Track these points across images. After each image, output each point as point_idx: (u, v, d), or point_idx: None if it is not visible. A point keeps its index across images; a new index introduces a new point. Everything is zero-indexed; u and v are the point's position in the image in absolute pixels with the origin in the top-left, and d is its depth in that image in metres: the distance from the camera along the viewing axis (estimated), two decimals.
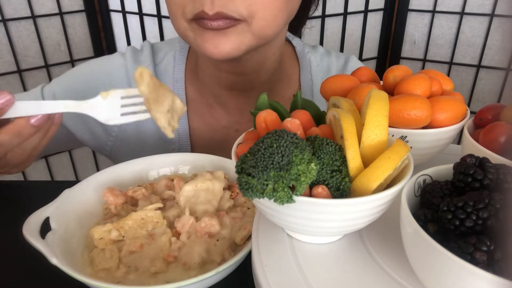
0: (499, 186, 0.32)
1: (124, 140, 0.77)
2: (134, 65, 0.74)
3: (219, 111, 0.76)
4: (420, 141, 0.44)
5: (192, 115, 0.76)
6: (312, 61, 0.80)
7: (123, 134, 0.77)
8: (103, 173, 0.58)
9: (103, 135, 0.77)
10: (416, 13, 1.40)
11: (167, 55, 0.77)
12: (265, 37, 0.61)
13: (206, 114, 0.77)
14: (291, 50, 0.81)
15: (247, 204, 0.53)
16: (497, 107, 0.47)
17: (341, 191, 0.35)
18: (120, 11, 1.35)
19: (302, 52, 0.80)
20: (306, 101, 0.45)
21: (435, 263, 0.29)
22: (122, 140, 0.77)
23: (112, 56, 0.77)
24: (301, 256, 0.37)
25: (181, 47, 0.77)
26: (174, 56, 0.76)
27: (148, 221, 0.49)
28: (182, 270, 0.45)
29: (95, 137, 0.77)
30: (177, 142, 0.76)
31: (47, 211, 0.49)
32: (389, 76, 0.49)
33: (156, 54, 0.77)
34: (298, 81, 0.79)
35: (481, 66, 1.37)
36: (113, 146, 0.78)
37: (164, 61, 0.76)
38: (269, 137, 0.33)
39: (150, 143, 0.76)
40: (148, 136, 0.76)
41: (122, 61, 0.75)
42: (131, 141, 0.77)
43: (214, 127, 0.77)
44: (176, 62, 0.76)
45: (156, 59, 0.77)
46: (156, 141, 0.76)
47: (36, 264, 0.45)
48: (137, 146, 0.77)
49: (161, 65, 0.76)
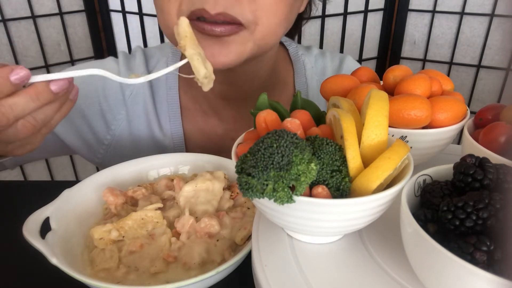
0: (499, 186, 0.32)
1: (118, 148, 0.76)
2: (127, 71, 0.73)
3: (214, 119, 0.75)
4: (420, 141, 0.44)
5: (187, 124, 0.75)
6: (306, 64, 0.79)
7: (117, 143, 0.75)
8: (103, 173, 0.58)
9: (95, 143, 0.75)
10: (416, 13, 1.40)
11: (160, 62, 0.75)
12: (265, 46, 0.59)
13: (201, 122, 0.75)
14: (284, 53, 0.79)
15: (247, 204, 0.53)
16: (497, 107, 0.47)
17: (341, 191, 0.35)
18: (120, 11, 1.35)
19: (296, 55, 0.79)
20: (306, 101, 0.45)
21: (435, 263, 0.29)
22: (115, 148, 0.76)
23: (105, 61, 0.76)
24: (301, 256, 0.37)
25: (173, 53, 0.75)
26: (167, 63, 0.74)
27: (148, 221, 0.49)
28: (182, 270, 0.45)
29: (86, 145, 0.75)
30: (171, 150, 0.75)
31: (47, 211, 0.49)
32: (389, 76, 0.49)
33: (148, 60, 0.76)
34: (292, 85, 0.78)
35: (481, 66, 1.37)
36: (105, 155, 0.77)
37: (156, 68, 0.75)
38: (269, 137, 0.33)
39: (145, 151, 0.74)
40: (143, 144, 0.75)
41: (115, 66, 0.74)
42: (125, 149, 0.76)
43: (209, 135, 0.76)
44: None
45: (149, 66, 0.75)
46: (151, 149, 0.75)
47: (36, 264, 0.45)
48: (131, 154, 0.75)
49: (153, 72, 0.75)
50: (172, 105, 0.74)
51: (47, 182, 1.16)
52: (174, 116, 0.74)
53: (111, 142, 0.75)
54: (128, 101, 0.73)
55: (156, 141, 0.75)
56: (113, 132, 0.74)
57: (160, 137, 0.74)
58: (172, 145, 0.74)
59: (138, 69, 0.74)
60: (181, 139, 0.74)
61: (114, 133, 0.75)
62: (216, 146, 0.75)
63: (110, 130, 0.74)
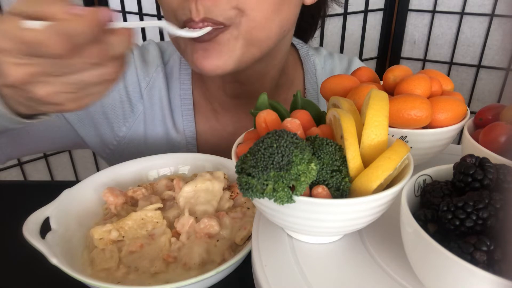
0: (499, 186, 0.32)
1: (131, 142, 0.76)
2: (142, 64, 0.73)
3: (225, 117, 0.75)
4: (420, 141, 0.44)
5: (199, 119, 0.75)
6: (317, 64, 0.79)
7: (131, 136, 0.75)
8: (103, 173, 0.58)
9: (109, 133, 0.75)
10: (416, 13, 1.40)
11: (173, 56, 0.76)
12: (258, 41, 0.58)
13: (213, 120, 0.76)
14: (294, 54, 0.79)
15: (247, 204, 0.53)
16: (497, 107, 0.47)
17: (341, 191, 0.35)
18: (120, 11, 1.35)
19: (306, 55, 0.79)
20: (306, 101, 0.45)
21: (435, 263, 0.29)
22: (129, 141, 0.76)
23: None
24: (301, 256, 0.37)
25: None
26: (180, 57, 0.75)
27: (148, 221, 0.49)
28: (182, 271, 0.45)
29: (99, 134, 0.75)
30: (184, 147, 0.75)
31: (47, 211, 0.49)
32: (389, 76, 0.49)
33: (163, 53, 0.76)
34: (302, 85, 0.78)
35: (481, 66, 1.37)
36: (117, 146, 0.76)
37: (170, 61, 0.75)
38: (269, 137, 0.33)
39: (157, 148, 0.75)
40: (157, 140, 0.75)
41: (131, 59, 0.74)
42: (139, 144, 0.76)
43: (220, 133, 0.76)
44: (182, 63, 0.75)
45: (164, 59, 0.76)
46: (164, 146, 0.75)
47: (36, 264, 0.45)
48: (143, 150, 0.76)
49: (167, 66, 0.75)
50: (185, 100, 0.74)
51: (47, 182, 1.16)
52: (187, 112, 0.74)
53: (126, 134, 0.75)
54: (145, 93, 0.73)
55: (169, 137, 0.75)
56: (130, 124, 0.74)
57: (173, 134, 0.75)
58: (184, 142, 0.74)
59: (153, 61, 0.74)
60: (193, 136, 0.75)
61: (130, 126, 0.74)
62: (227, 144, 0.75)
63: (126, 122, 0.74)
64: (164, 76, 0.74)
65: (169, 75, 0.75)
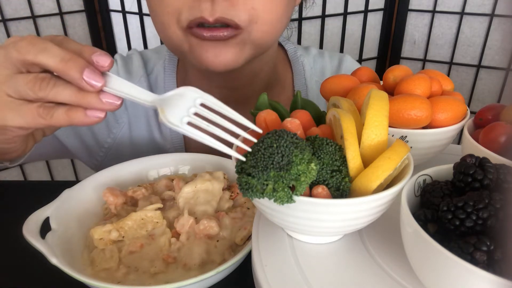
0: (499, 186, 0.32)
1: (118, 151, 0.75)
2: (126, 75, 0.73)
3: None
4: (420, 141, 0.44)
5: None
6: (305, 64, 0.78)
7: (117, 146, 0.75)
8: (103, 173, 0.58)
9: (95, 146, 0.75)
10: (416, 13, 1.40)
11: (157, 65, 0.75)
12: (264, 45, 0.59)
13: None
14: (283, 54, 0.79)
15: (247, 204, 0.53)
16: (497, 107, 0.47)
17: (341, 191, 0.35)
18: (120, 11, 1.35)
19: (295, 55, 0.78)
20: (306, 101, 0.45)
21: (435, 263, 0.29)
22: (115, 151, 0.75)
23: None
24: (301, 256, 0.37)
25: (170, 56, 0.75)
26: (164, 66, 0.74)
27: (148, 221, 0.49)
28: (182, 271, 0.45)
29: (86, 148, 0.75)
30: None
31: (47, 211, 0.49)
32: (389, 76, 0.49)
33: (146, 63, 0.75)
34: (291, 86, 0.78)
35: (481, 66, 1.37)
36: (104, 158, 0.76)
37: (154, 71, 0.75)
38: (269, 137, 0.33)
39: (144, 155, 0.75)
40: (143, 148, 0.75)
41: (115, 69, 0.73)
42: (125, 153, 0.75)
43: None
44: (166, 72, 0.74)
45: (147, 69, 0.75)
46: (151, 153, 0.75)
47: (36, 264, 0.45)
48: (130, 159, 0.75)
49: (151, 76, 0.75)
50: None
51: (47, 182, 1.16)
52: None
53: (112, 146, 0.75)
54: (129, 104, 0.73)
55: (156, 145, 0.74)
56: (114, 135, 0.74)
57: (160, 142, 0.74)
58: (172, 149, 0.74)
59: (137, 72, 0.73)
60: (181, 143, 0.74)
61: (115, 137, 0.74)
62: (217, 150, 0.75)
63: (111, 133, 0.74)
64: (148, 86, 0.73)
65: (153, 85, 0.74)
